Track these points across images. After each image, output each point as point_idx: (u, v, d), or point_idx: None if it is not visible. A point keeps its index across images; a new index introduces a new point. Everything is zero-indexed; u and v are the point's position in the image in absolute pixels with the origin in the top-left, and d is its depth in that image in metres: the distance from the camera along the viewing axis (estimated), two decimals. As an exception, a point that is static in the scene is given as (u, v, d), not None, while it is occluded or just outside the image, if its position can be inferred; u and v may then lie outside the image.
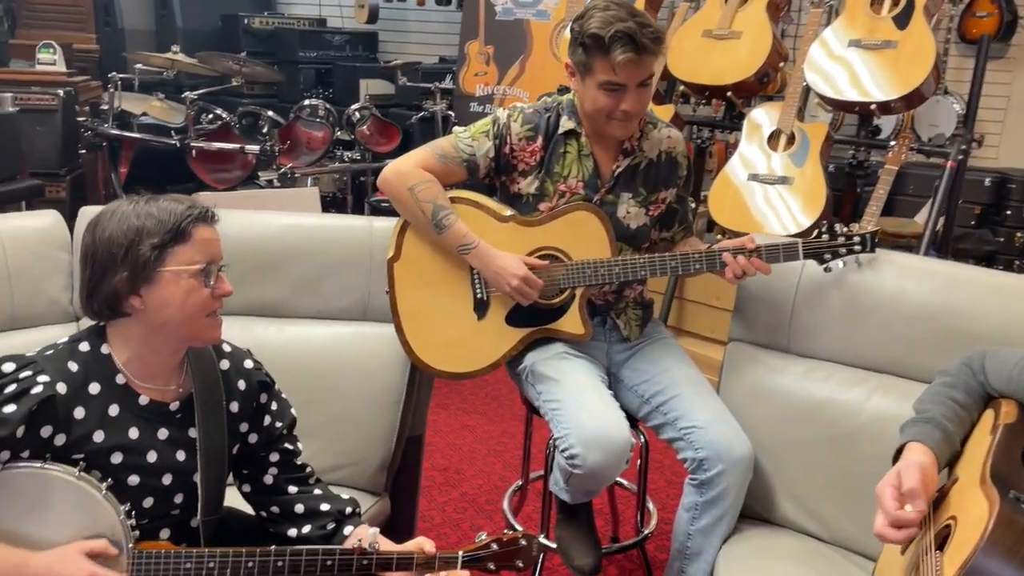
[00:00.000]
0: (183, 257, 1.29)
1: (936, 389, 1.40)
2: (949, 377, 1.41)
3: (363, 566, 1.37)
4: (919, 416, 1.36)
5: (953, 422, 1.33)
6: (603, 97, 1.80)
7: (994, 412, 1.32)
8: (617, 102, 1.80)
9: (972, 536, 1.08)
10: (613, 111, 1.82)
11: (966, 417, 1.35)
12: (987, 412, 1.35)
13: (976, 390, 1.38)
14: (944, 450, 1.30)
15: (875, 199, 3.01)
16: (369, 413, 1.98)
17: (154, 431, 1.34)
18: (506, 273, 1.86)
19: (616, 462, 1.74)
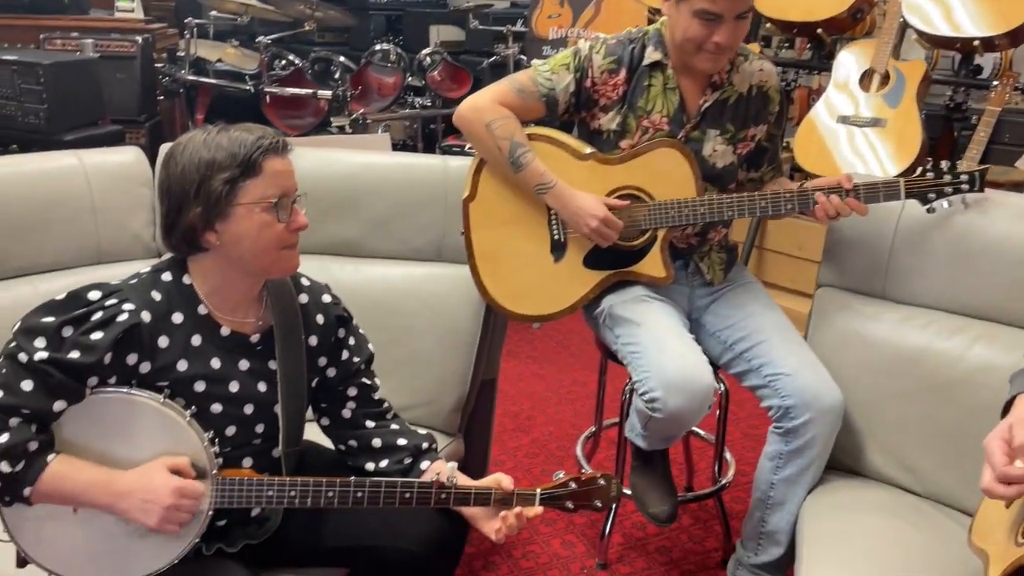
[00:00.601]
0: (255, 192, 1.25)
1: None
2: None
3: (441, 500, 1.36)
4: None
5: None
6: (696, 26, 1.71)
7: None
8: (711, 33, 1.70)
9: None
10: (705, 42, 1.72)
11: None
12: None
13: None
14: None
15: (975, 142, 2.83)
16: (443, 354, 1.96)
17: (235, 362, 1.34)
18: (585, 214, 1.79)
19: (698, 407, 1.69)
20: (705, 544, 2.31)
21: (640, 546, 2.29)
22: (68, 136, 3.26)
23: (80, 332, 1.19)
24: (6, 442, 1.14)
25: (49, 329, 1.19)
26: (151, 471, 1.21)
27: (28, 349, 1.17)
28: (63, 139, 3.22)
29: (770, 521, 1.79)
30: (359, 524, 1.46)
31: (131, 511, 1.19)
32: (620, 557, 2.23)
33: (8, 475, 1.14)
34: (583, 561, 2.21)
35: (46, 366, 1.16)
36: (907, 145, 2.94)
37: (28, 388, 1.16)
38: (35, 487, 1.17)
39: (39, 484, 1.17)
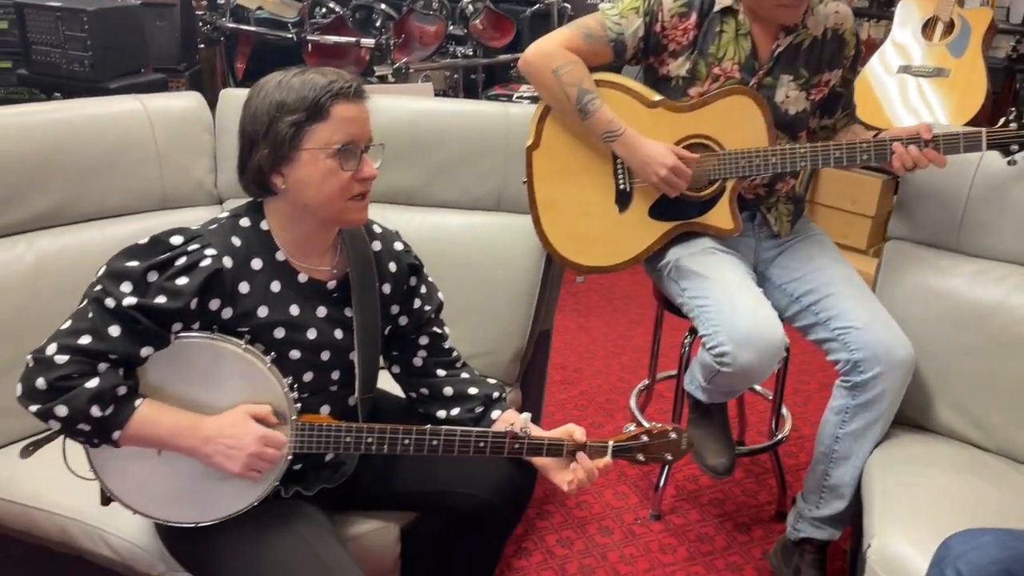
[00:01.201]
0: (320, 137, 1.22)
1: None
2: None
3: (514, 450, 1.37)
4: None
5: None
6: None
7: None
8: None
9: None
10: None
11: None
12: None
13: None
14: None
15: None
16: (504, 304, 1.96)
17: (313, 309, 1.34)
18: (654, 162, 1.76)
19: (769, 362, 1.67)
20: (758, 498, 2.31)
21: (693, 498, 2.29)
22: (112, 84, 3.26)
23: (165, 277, 1.20)
24: (96, 387, 1.15)
25: (135, 274, 1.19)
26: (236, 418, 1.22)
27: (115, 294, 1.17)
28: (108, 87, 3.22)
29: (833, 475, 1.78)
30: (431, 471, 1.48)
31: (215, 456, 1.21)
32: (673, 509, 2.24)
33: (98, 419, 1.15)
34: (636, 512, 2.22)
35: (134, 312, 1.17)
36: (971, 97, 2.85)
37: (116, 334, 1.17)
38: (123, 431, 1.18)
39: (127, 428, 1.18)
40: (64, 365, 1.14)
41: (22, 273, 1.68)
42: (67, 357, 1.15)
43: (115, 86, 3.25)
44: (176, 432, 1.21)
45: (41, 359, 1.15)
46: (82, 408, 1.14)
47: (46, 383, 1.14)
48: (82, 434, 1.17)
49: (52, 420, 1.15)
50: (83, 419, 1.15)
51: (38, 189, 1.71)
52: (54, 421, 1.15)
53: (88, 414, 1.14)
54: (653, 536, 2.13)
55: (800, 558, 1.88)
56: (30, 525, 1.49)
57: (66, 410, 1.14)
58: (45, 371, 1.14)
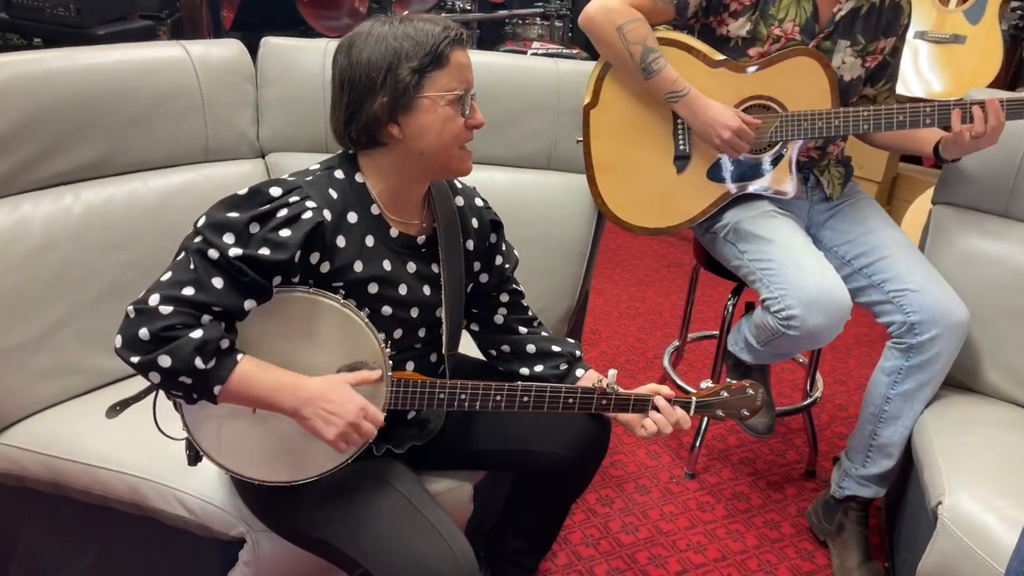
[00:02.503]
0: (441, 83, 1.21)
1: None
2: None
3: (602, 406, 1.36)
4: None
5: None
6: None
7: None
8: None
9: None
10: None
11: None
12: None
13: None
14: None
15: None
16: (555, 262, 1.95)
17: (403, 264, 1.31)
18: (718, 124, 1.74)
19: (837, 325, 1.68)
20: (787, 456, 2.35)
21: (723, 457, 2.33)
22: (100, 31, 3.09)
23: (269, 229, 1.15)
24: (200, 338, 1.10)
25: (238, 225, 1.15)
26: (336, 384, 1.18)
27: (218, 245, 1.13)
28: (95, 33, 3.05)
29: (882, 434, 1.82)
30: (509, 428, 1.47)
31: (313, 419, 1.17)
32: (706, 468, 2.28)
33: (201, 371, 1.11)
34: (671, 471, 2.25)
35: (239, 263, 1.13)
36: (987, 63, 2.89)
37: (220, 285, 1.13)
38: (225, 386, 1.14)
39: (229, 383, 1.14)
40: (169, 316, 1.10)
41: (71, 226, 1.61)
42: (171, 308, 1.10)
43: (103, 33, 3.07)
44: (277, 390, 1.17)
45: (144, 309, 1.10)
46: (186, 359, 1.09)
47: (149, 333, 1.09)
48: (182, 388, 1.13)
49: (153, 372, 1.11)
50: (186, 371, 1.10)
51: (83, 138, 1.64)
52: (155, 373, 1.11)
53: (192, 365, 1.10)
54: (690, 495, 2.16)
55: (844, 515, 1.92)
56: (96, 485, 1.44)
57: (170, 361, 1.09)
58: (149, 321, 1.09)
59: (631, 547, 1.97)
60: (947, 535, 1.44)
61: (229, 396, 1.16)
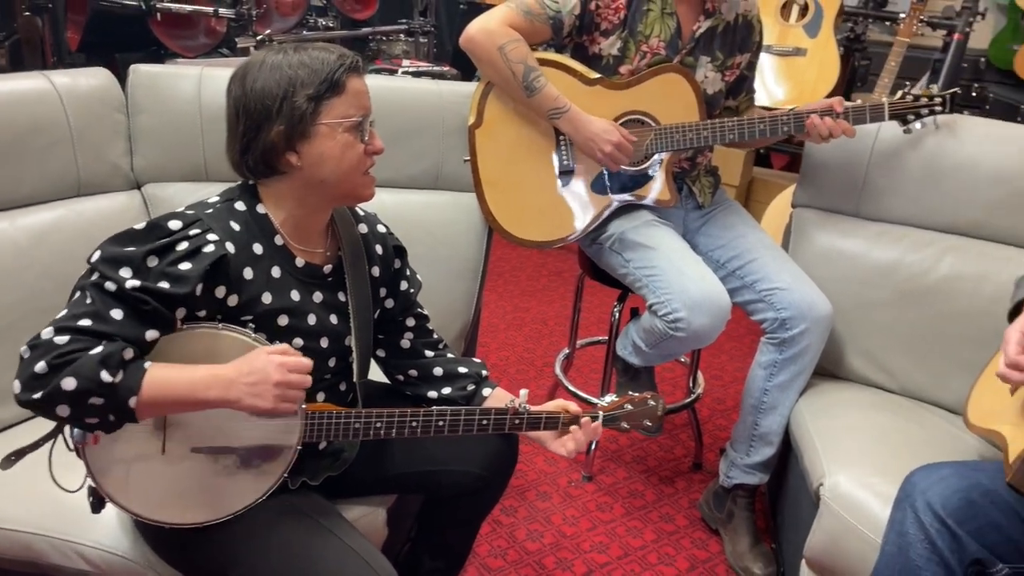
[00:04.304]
0: (338, 110, 1.22)
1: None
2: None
3: (515, 426, 1.40)
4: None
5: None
6: None
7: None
8: None
9: None
10: None
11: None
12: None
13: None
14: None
15: (887, 71, 3.05)
16: (449, 281, 1.97)
17: (311, 294, 1.30)
18: (599, 138, 1.83)
19: (719, 324, 1.79)
20: (674, 452, 2.47)
21: (617, 458, 2.42)
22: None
23: (168, 262, 1.12)
24: (101, 351, 1.05)
25: (135, 259, 1.11)
26: (251, 354, 1.15)
27: (115, 278, 1.09)
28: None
29: (763, 424, 1.95)
30: (420, 451, 1.48)
31: (243, 399, 1.12)
32: (602, 469, 2.36)
33: (109, 385, 1.05)
34: (568, 475, 2.32)
35: (138, 293, 1.09)
36: (826, 74, 3.14)
37: (119, 316, 1.09)
38: (139, 395, 1.08)
39: (143, 392, 1.08)
40: (66, 344, 1.05)
41: (-69, 271, 1.50)
42: (68, 337, 1.05)
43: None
44: (195, 386, 1.12)
45: (38, 343, 1.05)
46: (91, 375, 1.04)
47: (47, 365, 1.03)
48: (95, 412, 1.07)
49: (61, 405, 1.04)
50: (95, 388, 1.04)
51: (-61, 177, 1.53)
52: (63, 406, 1.04)
53: (99, 380, 1.04)
54: (589, 496, 2.24)
55: (733, 503, 2.04)
56: (-16, 548, 1.35)
57: (75, 382, 1.04)
58: (44, 354, 1.04)
59: (537, 554, 2.02)
60: (830, 514, 1.56)
61: (147, 406, 1.10)
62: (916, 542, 1.32)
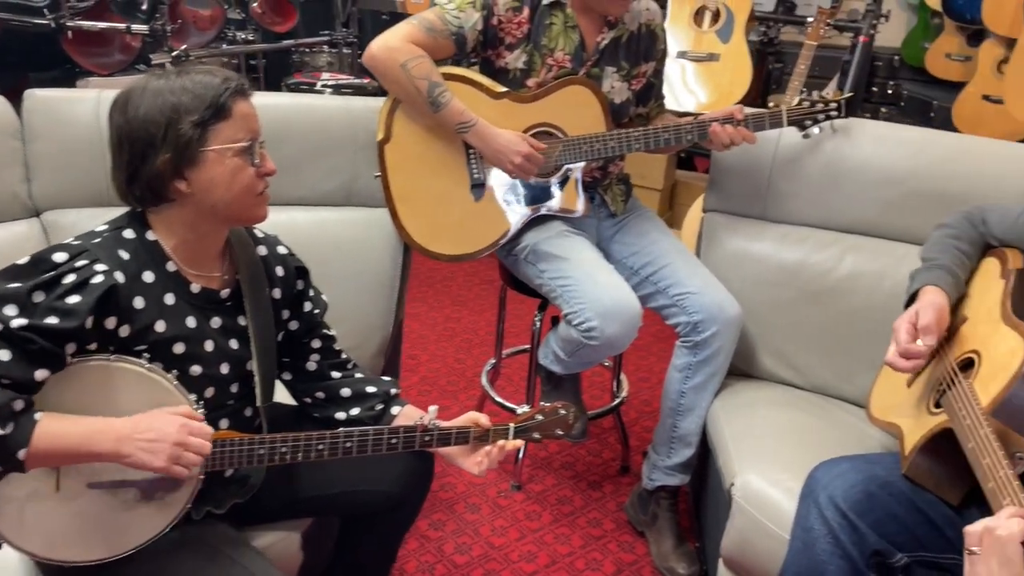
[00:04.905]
0: (226, 134, 1.21)
1: (941, 240, 1.54)
2: (952, 229, 1.56)
3: (425, 443, 1.40)
4: (930, 264, 1.50)
5: (960, 268, 1.48)
6: None
7: (999, 259, 1.47)
8: None
9: (1009, 365, 1.23)
10: None
11: (969, 264, 1.51)
12: (989, 259, 1.51)
13: (977, 240, 1.53)
14: (954, 293, 1.45)
15: (797, 74, 3.14)
16: (365, 298, 1.96)
17: (208, 319, 1.28)
18: (508, 151, 1.84)
19: (631, 331, 1.82)
20: (603, 456, 2.50)
21: (546, 465, 2.44)
22: None
23: (55, 297, 1.10)
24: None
25: (20, 295, 1.08)
26: (152, 412, 1.14)
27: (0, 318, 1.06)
28: None
29: (681, 426, 1.99)
30: (331, 472, 1.47)
31: (136, 454, 1.11)
32: (530, 477, 2.37)
33: None
34: (498, 485, 2.32)
35: (25, 333, 1.06)
36: (739, 79, 3.22)
37: (6, 358, 1.06)
38: (29, 448, 1.06)
39: (32, 444, 1.06)
40: None
41: None
42: None
43: None
44: (88, 438, 1.10)
45: None
46: None
47: None
48: None
49: None
50: None
51: None
52: None
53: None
54: (518, 506, 2.25)
55: (656, 505, 2.08)
56: None
57: None
58: None
59: (466, 567, 2.02)
60: (741, 512, 1.60)
61: (38, 458, 1.08)
62: (820, 537, 1.36)
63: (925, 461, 1.34)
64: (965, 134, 3.60)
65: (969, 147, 1.89)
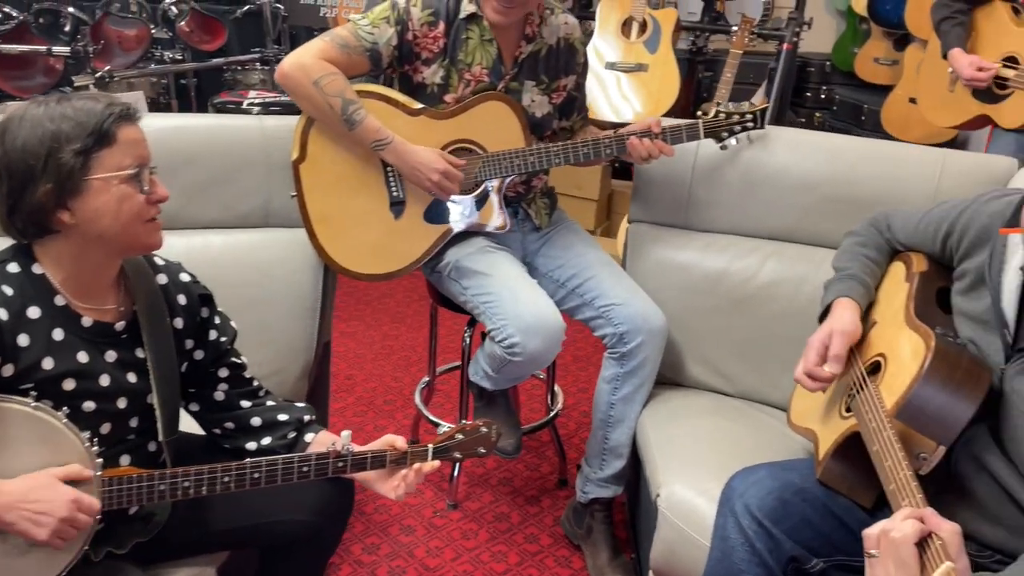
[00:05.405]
0: (111, 162, 1.17)
1: (850, 248, 1.56)
2: (859, 237, 1.58)
3: (339, 469, 1.37)
4: (842, 274, 1.52)
5: (870, 275, 1.50)
6: None
7: (904, 263, 1.49)
8: None
9: (911, 367, 1.24)
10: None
11: (878, 270, 1.53)
12: (896, 264, 1.53)
13: (883, 246, 1.56)
14: (864, 301, 1.47)
15: (723, 83, 3.19)
16: (286, 322, 1.92)
17: (102, 353, 1.24)
18: (426, 168, 1.82)
19: (554, 347, 1.81)
20: (541, 470, 2.48)
21: (483, 482, 2.41)
22: None
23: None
24: None
25: None
26: (42, 480, 1.11)
27: None
28: None
29: (612, 437, 1.98)
30: (245, 504, 1.43)
31: (20, 523, 1.08)
32: (467, 495, 2.35)
33: None
34: (434, 505, 2.29)
35: None
36: (667, 88, 3.24)
37: None
38: None
39: None
40: None
41: None
42: None
43: None
44: None
45: None
46: None
47: None
48: None
49: None
50: None
51: None
52: None
53: None
54: (454, 525, 2.22)
55: (591, 517, 2.07)
56: None
57: None
58: None
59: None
60: (667, 523, 1.60)
61: None
62: (738, 545, 1.36)
63: (838, 466, 1.35)
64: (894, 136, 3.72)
65: (879, 151, 1.93)
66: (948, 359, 1.22)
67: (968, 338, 1.32)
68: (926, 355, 1.22)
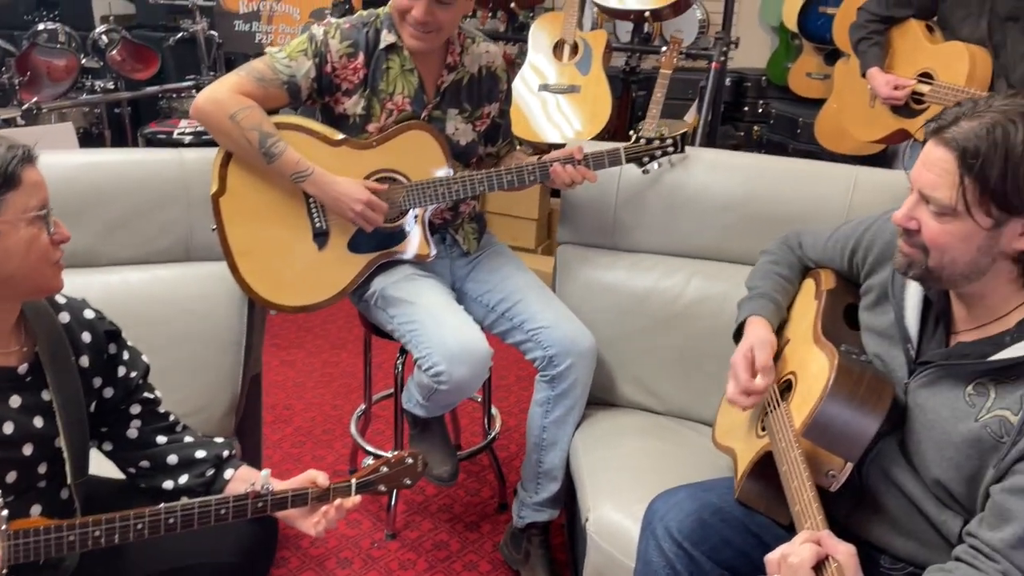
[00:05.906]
0: (17, 205, 1.15)
1: (763, 267, 1.59)
2: (772, 255, 1.61)
3: (258, 509, 1.34)
4: (753, 292, 1.54)
5: (781, 294, 1.53)
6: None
7: (814, 281, 1.53)
8: (411, 5, 1.78)
9: (817, 385, 1.27)
10: (406, 13, 1.80)
11: (790, 288, 1.56)
12: (807, 281, 1.57)
13: (795, 264, 1.59)
14: (776, 319, 1.50)
15: (655, 102, 3.23)
16: (209, 357, 1.89)
17: (5, 399, 1.21)
18: (348, 198, 1.82)
19: (481, 373, 1.81)
20: (481, 495, 2.47)
21: (423, 509, 2.39)
22: None
23: None
24: None
25: None
26: None
27: None
28: None
29: (546, 461, 1.98)
30: (166, 546, 1.39)
31: None
32: (406, 524, 2.32)
33: None
34: (372, 536, 2.27)
35: None
36: (600, 108, 3.28)
37: None
38: None
39: None
40: None
41: None
42: None
43: None
44: None
45: None
46: None
47: None
48: None
49: None
50: None
51: None
52: None
53: None
54: (392, 555, 2.20)
55: (528, 542, 2.06)
56: None
57: None
58: None
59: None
60: (595, 548, 1.60)
61: None
62: (659, 569, 1.37)
63: (755, 485, 1.37)
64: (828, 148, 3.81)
65: (793, 169, 1.98)
66: (851, 375, 1.25)
67: (874, 353, 1.35)
68: (830, 373, 1.25)
